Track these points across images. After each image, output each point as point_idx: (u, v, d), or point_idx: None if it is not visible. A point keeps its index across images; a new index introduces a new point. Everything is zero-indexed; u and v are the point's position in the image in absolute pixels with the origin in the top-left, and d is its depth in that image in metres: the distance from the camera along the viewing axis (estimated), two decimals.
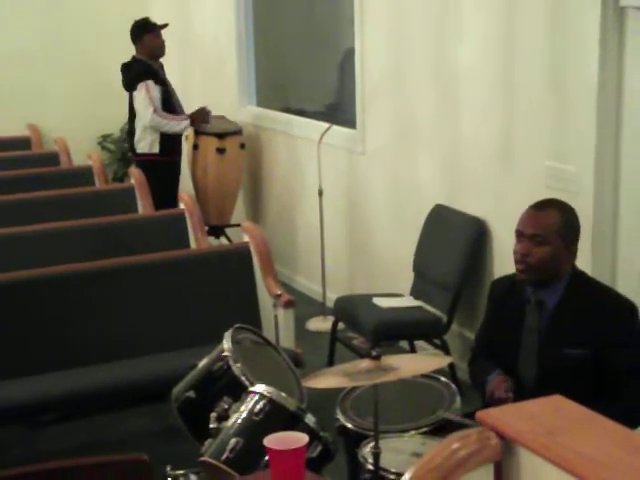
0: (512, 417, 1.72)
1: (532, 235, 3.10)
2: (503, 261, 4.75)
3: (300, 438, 2.26)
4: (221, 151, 7.04)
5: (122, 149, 8.64)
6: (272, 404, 2.73)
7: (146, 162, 6.71)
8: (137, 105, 6.72)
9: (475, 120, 4.90)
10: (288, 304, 4.45)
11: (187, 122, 6.81)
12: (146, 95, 6.64)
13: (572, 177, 4.22)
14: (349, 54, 6.13)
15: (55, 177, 6.62)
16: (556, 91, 4.29)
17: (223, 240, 7.28)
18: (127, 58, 6.99)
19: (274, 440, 2.25)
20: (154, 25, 6.91)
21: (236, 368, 3.02)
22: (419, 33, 5.28)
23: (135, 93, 6.72)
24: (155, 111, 6.64)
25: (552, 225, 3.08)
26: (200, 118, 6.92)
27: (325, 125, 6.07)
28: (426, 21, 5.20)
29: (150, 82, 6.68)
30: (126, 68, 6.93)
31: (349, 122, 6.12)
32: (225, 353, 3.07)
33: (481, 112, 4.85)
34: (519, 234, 3.14)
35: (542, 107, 4.39)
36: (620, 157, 4.10)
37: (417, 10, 5.27)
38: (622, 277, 4.14)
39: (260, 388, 2.79)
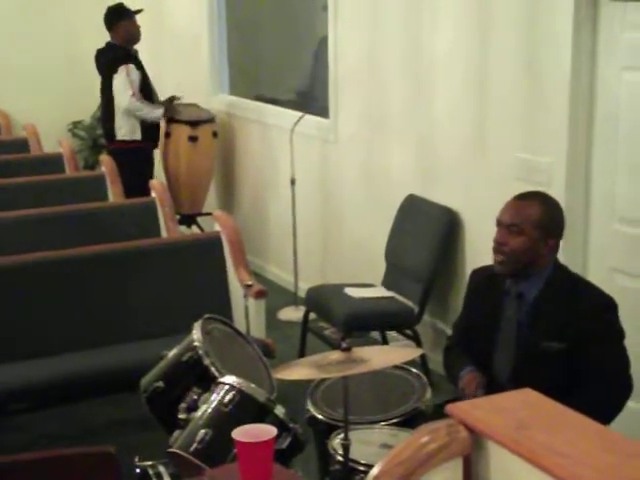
0: (482, 411, 1.70)
1: (509, 224, 3.09)
2: (475, 252, 4.75)
3: (268, 430, 2.24)
4: (193, 139, 6.98)
5: (93, 136, 8.56)
6: (241, 395, 2.71)
7: (124, 149, 6.64)
8: (116, 87, 6.62)
9: (448, 110, 4.89)
10: (259, 294, 4.42)
11: (161, 111, 6.76)
12: (126, 78, 6.58)
13: (544, 169, 4.22)
14: (323, 42, 6.09)
15: (24, 164, 6.55)
16: (529, 82, 4.29)
17: (195, 229, 7.23)
18: (99, 44, 6.92)
19: (242, 432, 2.23)
20: (129, 11, 6.84)
21: (206, 359, 2.99)
22: (393, 21, 5.25)
23: (115, 76, 6.62)
24: (133, 95, 6.58)
25: (530, 216, 3.07)
26: (171, 106, 6.89)
27: (298, 114, 6.04)
28: (400, 9, 5.18)
29: (131, 66, 6.63)
30: (102, 54, 6.85)
31: (323, 111, 6.09)
32: (195, 343, 3.04)
33: (454, 102, 4.84)
34: (498, 223, 3.14)
35: (515, 98, 4.39)
36: (592, 149, 4.10)
37: None
38: (593, 270, 4.14)
39: (230, 379, 2.77)
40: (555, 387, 2.91)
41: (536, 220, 3.06)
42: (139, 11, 6.89)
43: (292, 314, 5.94)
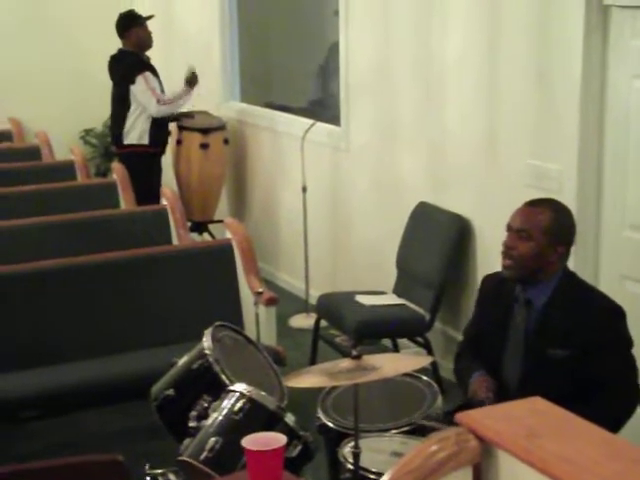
0: (491, 419, 1.70)
1: (519, 229, 3.10)
2: (486, 259, 4.74)
3: (278, 439, 2.24)
4: (205, 147, 7.00)
5: (105, 144, 8.58)
6: (252, 403, 2.71)
7: (132, 153, 6.66)
8: (138, 97, 6.62)
9: (459, 117, 4.89)
10: (270, 301, 4.43)
11: (189, 93, 6.78)
12: (147, 87, 6.58)
13: (555, 176, 4.21)
14: (334, 48, 6.10)
15: (36, 172, 6.56)
16: (540, 89, 4.28)
17: (206, 236, 7.24)
18: (111, 51, 6.92)
19: (252, 441, 2.23)
20: (140, 17, 6.85)
21: (216, 366, 2.99)
22: (404, 29, 5.26)
23: (133, 87, 6.62)
24: (159, 101, 6.60)
25: (539, 222, 3.07)
26: (194, 78, 6.88)
27: (309, 122, 6.04)
28: (411, 16, 5.18)
29: (148, 73, 6.63)
30: (116, 61, 6.84)
31: (334, 119, 6.10)
32: (205, 351, 3.05)
33: (465, 110, 4.83)
34: (509, 227, 3.15)
35: (526, 105, 4.38)
36: (603, 156, 4.09)
37: (402, 6, 5.25)
38: (604, 277, 4.13)
39: (240, 387, 2.77)
40: (563, 394, 2.89)
41: (545, 226, 3.06)
42: (150, 17, 6.89)
43: (303, 321, 5.94)
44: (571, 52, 4.05)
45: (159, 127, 6.72)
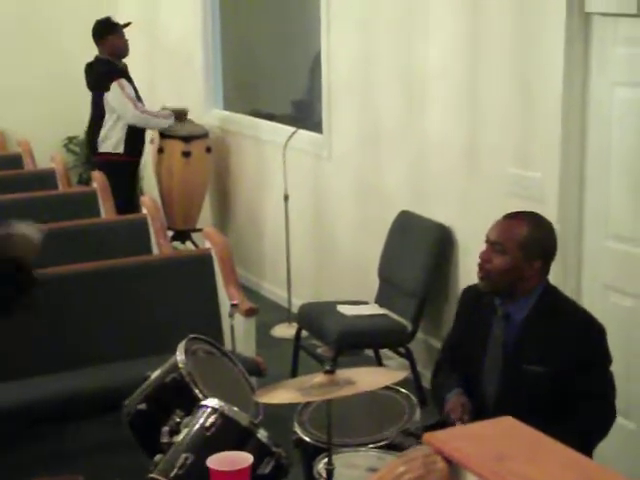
0: (460, 440, 1.65)
1: (494, 242, 3.05)
2: (468, 269, 4.69)
3: (245, 458, 2.18)
4: (187, 155, 6.95)
5: (87, 152, 8.51)
6: (223, 418, 2.65)
7: (107, 162, 6.61)
8: (113, 104, 6.58)
9: (441, 126, 4.85)
10: (249, 312, 4.37)
11: (171, 120, 6.76)
12: (122, 92, 6.54)
13: (536, 184, 4.17)
14: (318, 57, 6.05)
15: (18, 180, 6.52)
16: (521, 98, 4.25)
17: (189, 245, 7.18)
18: (90, 59, 6.88)
19: (218, 460, 2.18)
20: (117, 25, 6.81)
21: (189, 380, 2.93)
22: (386, 38, 5.22)
23: (108, 93, 6.59)
24: (135, 107, 6.55)
25: (514, 236, 3.02)
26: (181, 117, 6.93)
27: (292, 129, 5.99)
28: (393, 25, 5.14)
29: (123, 80, 6.58)
30: (90, 68, 6.82)
31: (317, 126, 6.05)
32: (178, 364, 2.99)
33: (447, 118, 4.79)
34: (486, 240, 3.10)
35: (507, 113, 4.35)
36: (585, 164, 4.05)
37: (384, 14, 5.21)
38: (587, 286, 4.10)
39: (212, 402, 2.71)
40: (540, 410, 2.87)
41: (520, 241, 3.01)
42: (127, 24, 6.84)
43: (286, 331, 5.89)
44: (552, 60, 4.01)
45: (135, 136, 6.67)
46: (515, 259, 3.00)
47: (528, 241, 3.01)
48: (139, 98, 6.73)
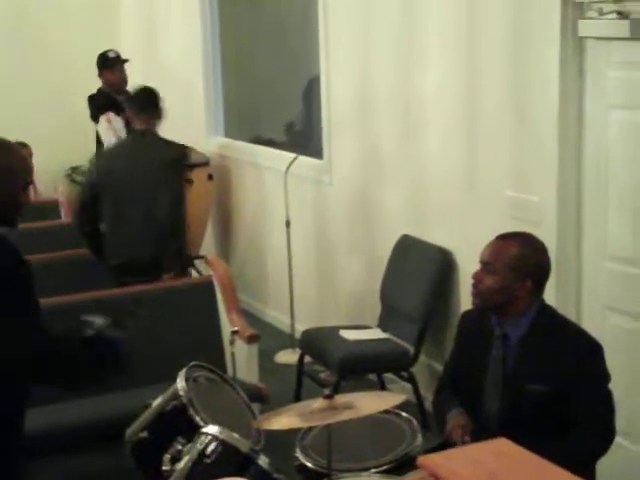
0: (454, 463, 1.67)
1: (485, 262, 3.09)
2: (469, 292, 4.70)
3: None
4: (188, 182, 6.97)
5: None
6: (224, 446, 2.66)
7: None
8: (103, 137, 6.68)
9: (439, 151, 4.89)
10: (251, 339, 4.40)
11: None
12: (108, 127, 6.62)
13: (534, 207, 4.20)
14: (315, 82, 6.11)
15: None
16: (518, 121, 4.28)
17: (193, 272, 7.19)
18: (95, 90, 6.98)
19: None
20: (112, 60, 6.93)
21: (190, 408, 2.94)
22: (384, 64, 5.27)
23: (98, 126, 6.70)
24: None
25: (505, 256, 3.04)
26: None
27: (292, 155, 6.03)
28: (391, 51, 5.19)
29: (111, 114, 6.68)
30: (91, 100, 6.95)
31: (318, 152, 6.09)
32: (179, 392, 3.00)
33: (444, 142, 4.83)
34: (479, 260, 3.13)
35: (504, 137, 4.38)
36: (583, 186, 4.08)
37: (382, 41, 5.26)
38: (587, 308, 4.11)
39: (212, 429, 2.72)
40: (542, 429, 2.88)
41: (510, 261, 3.03)
42: (125, 61, 7.01)
43: (289, 357, 5.89)
44: (548, 84, 4.05)
45: None
46: (505, 279, 3.02)
47: (518, 261, 3.03)
48: None
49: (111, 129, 6.62)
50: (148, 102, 5.57)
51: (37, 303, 2.73)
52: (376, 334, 5.07)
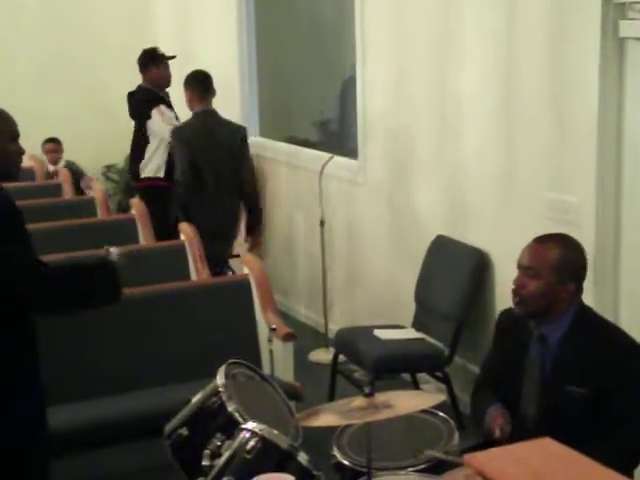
0: (499, 461, 1.67)
1: (527, 267, 3.07)
2: (505, 292, 4.66)
3: (286, 479, 2.21)
4: None
5: (126, 179, 8.63)
6: (264, 442, 2.67)
7: (149, 187, 6.70)
8: (156, 129, 6.67)
9: (476, 151, 4.88)
10: (287, 337, 4.41)
11: None
12: (162, 118, 6.63)
13: (573, 208, 4.18)
14: (351, 82, 6.12)
15: (57, 208, 6.61)
16: (557, 122, 4.27)
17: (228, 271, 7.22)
18: (132, 87, 7.00)
19: None
20: (161, 56, 6.92)
21: (229, 404, 2.96)
22: (420, 64, 5.27)
23: (150, 122, 6.69)
24: None
25: (547, 259, 3.03)
26: None
27: (327, 155, 6.05)
28: (427, 51, 5.19)
29: (162, 106, 6.68)
30: (132, 96, 6.93)
31: (352, 152, 6.10)
32: (219, 389, 3.02)
33: (481, 142, 4.82)
34: (518, 265, 3.12)
35: (542, 138, 4.37)
36: (621, 187, 4.06)
37: (419, 41, 5.26)
38: (625, 310, 4.09)
39: (252, 425, 2.74)
40: (581, 430, 2.87)
41: (553, 264, 3.02)
42: (172, 57, 6.96)
43: (322, 356, 5.91)
44: (587, 84, 4.04)
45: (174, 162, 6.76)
46: (549, 283, 3.01)
47: (561, 264, 3.02)
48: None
49: (164, 120, 6.64)
50: (211, 83, 6.39)
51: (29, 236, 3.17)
52: (410, 334, 5.07)
